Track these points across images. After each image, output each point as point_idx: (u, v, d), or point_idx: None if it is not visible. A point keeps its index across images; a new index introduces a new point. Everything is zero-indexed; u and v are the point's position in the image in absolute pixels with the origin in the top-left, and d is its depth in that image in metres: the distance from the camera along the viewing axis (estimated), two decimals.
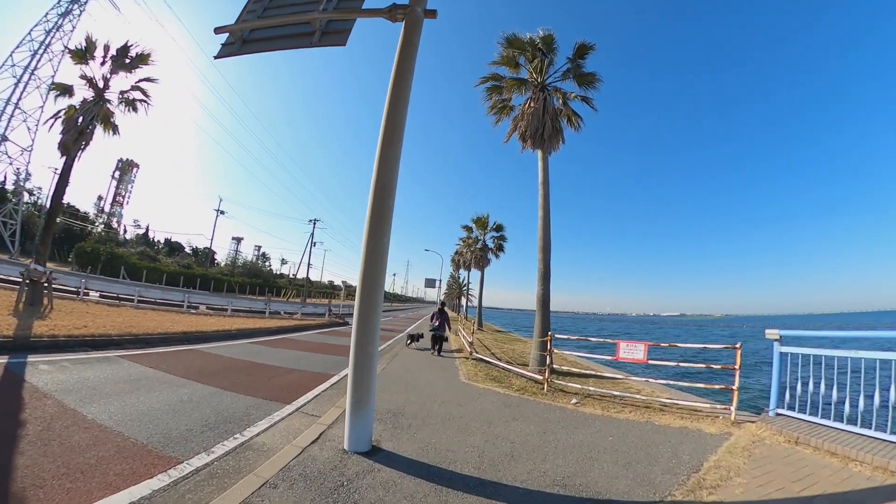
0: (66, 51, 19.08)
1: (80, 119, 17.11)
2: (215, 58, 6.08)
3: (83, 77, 18.25)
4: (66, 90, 19.57)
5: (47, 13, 44.89)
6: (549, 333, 9.26)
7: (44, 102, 44.87)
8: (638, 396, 8.21)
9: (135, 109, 19.39)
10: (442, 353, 14.21)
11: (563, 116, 14.00)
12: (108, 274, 40.75)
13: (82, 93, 18.45)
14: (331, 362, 11.38)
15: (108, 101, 18.79)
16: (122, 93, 19.04)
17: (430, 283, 56.75)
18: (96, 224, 78.21)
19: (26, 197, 70.99)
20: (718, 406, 7.28)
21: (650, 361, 8.11)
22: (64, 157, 17.62)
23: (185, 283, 44.36)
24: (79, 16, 46.48)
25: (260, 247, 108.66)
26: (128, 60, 18.64)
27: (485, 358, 12.15)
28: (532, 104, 13.36)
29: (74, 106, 18.00)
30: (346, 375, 4.86)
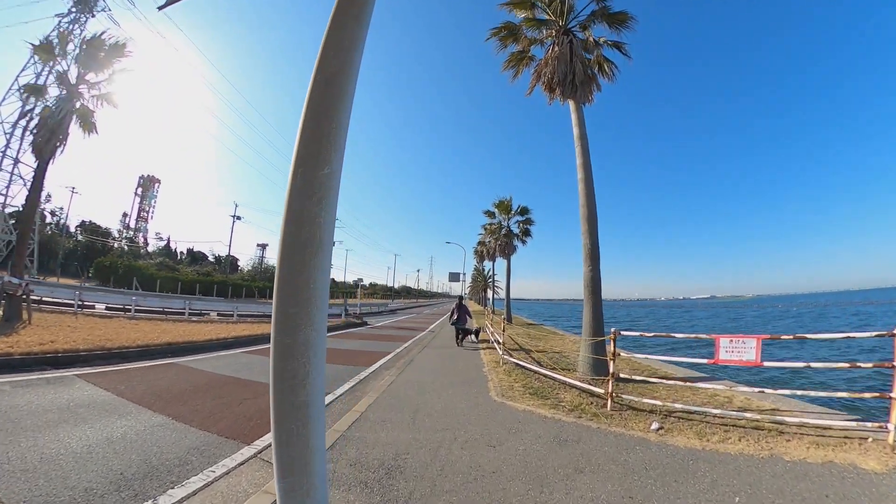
0: (32, 47, 17.27)
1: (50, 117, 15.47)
2: (159, 9, 4.10)
3: (57, 75, 16.58)
4: (37, 91, 17.90)
5: (48, 35, 44.17)
6: (614, 330, 6.73)
7: None
8: (747, 415, 5.73)
9: (113, 104, 17.57)
10: (464, 345, 14.64)
11: (592, 65, 11.47)
12: (124, 286, 39.84)
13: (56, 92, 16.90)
14: (330, 375, 9.17)
15: (82, 96, 16.98)
16: (93, 85, 17.22)
17: (454, 277, 54.56)
18: (118, 239, 78.57)
19: (48, 217, 72.32)
20: (860, 422, 4.82)
21: (765, 364, 5.56)
22: (37, 161, 16.11)
23: (202, 291, 43.31)
24: (80, 35, 45.62)
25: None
26: (102, 53, 16.77)
27: (521, 362, 9.68)
28: (556, 48, 10.88)
29: (49, 106, 16.36)
30: (344, 394, 3.95)
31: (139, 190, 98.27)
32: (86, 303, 21.09)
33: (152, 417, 5.59)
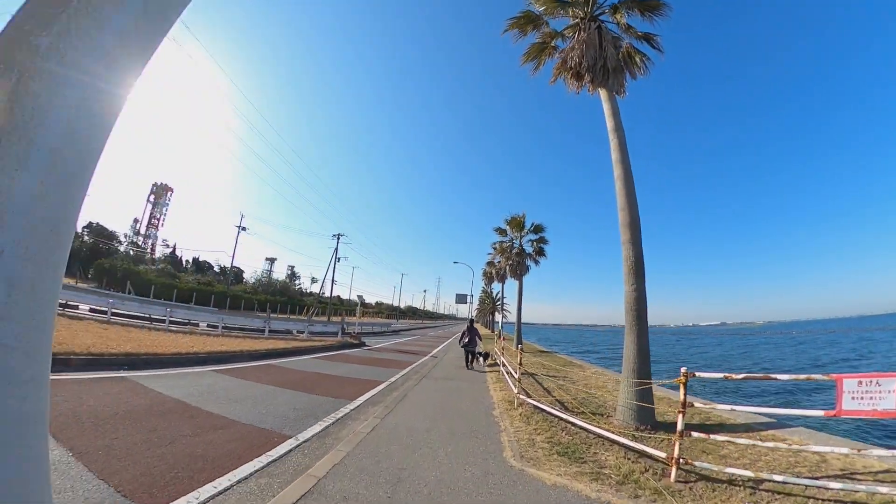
0: None
1: None
2: None
3: None
4: None
5: None
6: (686, 371, 4.78)
7: None
8: (881, 490, 3.81)
9: None
10: (473, 367, 14.73)
11: (622, 57, 9.90)
12: (120, 290, 38.44)
13: None
14: (302, 407, 7.42)
15: None
16: None
17: (461, 298, 52.58)
18: (123, 243, 77.85)
19: None
20: None
21: None
22: None
23: (199, 301, 41.71)
24: None
25: (293, 266, 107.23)
26: None
27: (541, 405, 7.70)
28: (583, 33, 9.35)
29: None
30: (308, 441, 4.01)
31: (151, 197, 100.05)
32: (61, 302, 19.52)
33: (51, 451, 4.20)
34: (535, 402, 7.84)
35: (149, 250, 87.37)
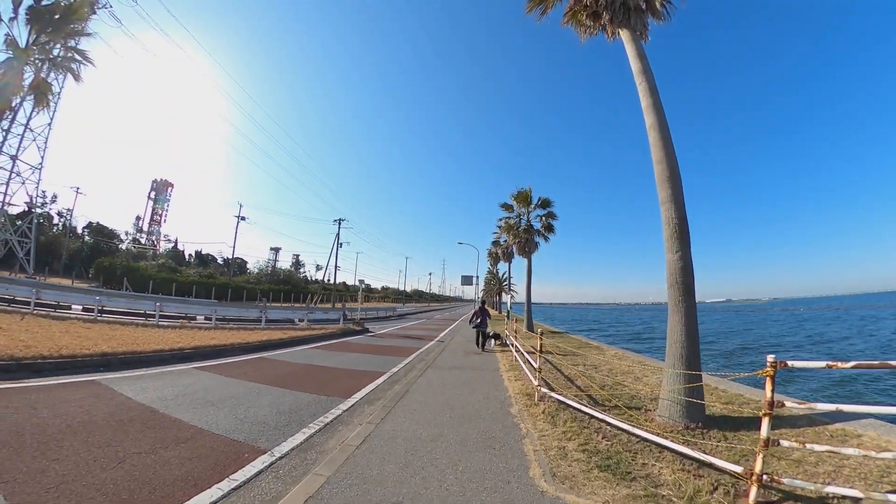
0: None
1: None
2: None
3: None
4: None
5: None
6: (774, 360, 3.54)
7: (51, 119, 43.01)
8: None
9: (74, 76, 14.97)
10: (484, 349, 14.67)
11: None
12: (119, 288, 37.69)
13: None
14: (287, 409, 6.37)
15: (35, 63, 14.36)
16: (53, 57, 14.67)
17: (466, 280, 51.52)
18: (124, 240, 77.28)
19: (55, 219, 71.32)
20: None
21: None
22: None
23: (200, 293, 40.98)
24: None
25: (298, 255, 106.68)
26: (57, 16, 14.09)
27: (567, 399, 6.53)
28: None
29: None
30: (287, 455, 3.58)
31: (152, 193, 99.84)
32: (50, 303, 18.57)
33: None
34: (559, 397, 6.70)
35: (150, 246, 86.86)
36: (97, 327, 13.89)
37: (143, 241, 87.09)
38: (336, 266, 51.58)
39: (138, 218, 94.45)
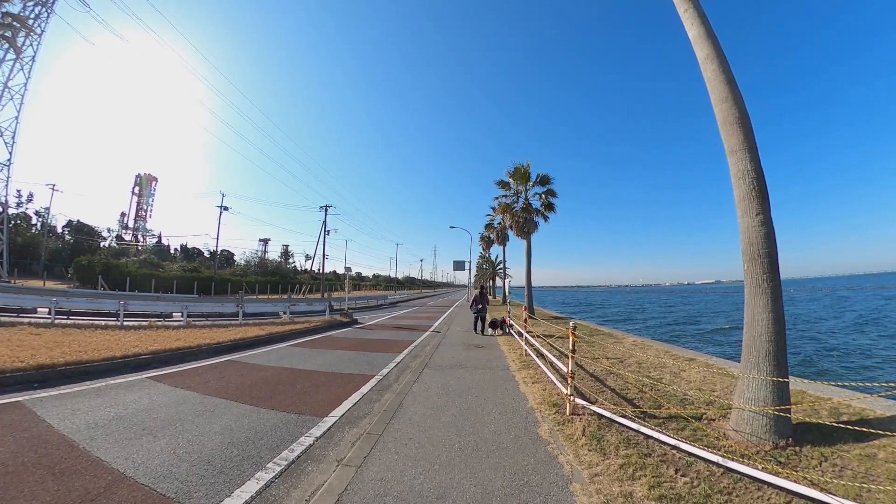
0: None
1: None
2: None
3: None
4: None
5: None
6: None
7: (18, 113, 40.57)
8: None
9: (13, 46, 12.99)
10: (484, 333, 14.83)
11: None
12: (96, 286, 35.76)
13: None
14: (244, 438, 4.85)
15: None
16: None
17: (458, 265, 50.12)
18: (106, 238, 74.76)
19: (33, 218, 68.45)
20: None
21: None
22: None
23: (182, 289, 39.12)
24: (46, 18, 41.46)
25: (287, 246, 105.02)
26: None
27: (609, 414, 4.94)
28: None
29: None
30: None
31: (136, 188, 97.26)
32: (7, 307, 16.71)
33: None
34: (598, 409, 5.19)
35: (133, 243, 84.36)
36: (49, 333, 12.13)
37: (127, 237, 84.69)
38: (324, 255, 49.80)
39: (123, 214, 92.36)
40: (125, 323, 15.05)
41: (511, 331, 14.34)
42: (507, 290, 20.69)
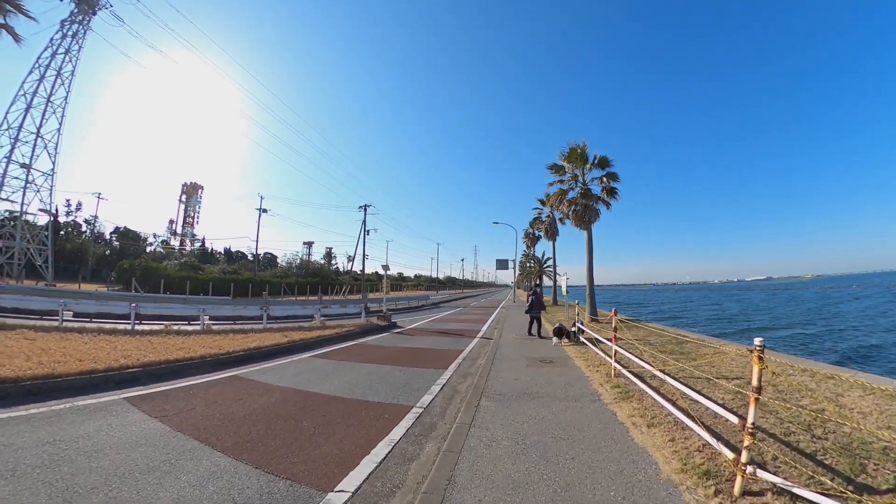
0: None
1: None
2: None
3: None
4: None
5: (52, 38, 42.24)
6: None
7: (60, 126, 42.08)
8: None
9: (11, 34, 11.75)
10: (540, 335, 13.44)
11: None
12: (138, 289, 35.79)
13: None
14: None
15: None
16: None
17: (501, 264, 47.51)
18: (152, 243, 76.99)
19: (83, 226, 70.94)
20: None
21: None
22: None
23: (218, 291, 38.60)
24: (84, 35, 43.07)
25: (330, 248, 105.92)
26: None
27: (807, 495, 2.61)
28: None
29: None
30: None
31: (183, 196, 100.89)
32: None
33: None
34: (790, 486, 2.73)
35: (177, 247, 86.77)
36: (44, 338, 10.60)
37: (175, 243, 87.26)
38: (364, 254, 48.35)
39: (171, 221, 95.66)
40: (137, 327, 13.50)
41: (582, 337, 11.83)
42: (564, 291, 18.01)
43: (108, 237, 72.94)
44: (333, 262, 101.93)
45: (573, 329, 12.17)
